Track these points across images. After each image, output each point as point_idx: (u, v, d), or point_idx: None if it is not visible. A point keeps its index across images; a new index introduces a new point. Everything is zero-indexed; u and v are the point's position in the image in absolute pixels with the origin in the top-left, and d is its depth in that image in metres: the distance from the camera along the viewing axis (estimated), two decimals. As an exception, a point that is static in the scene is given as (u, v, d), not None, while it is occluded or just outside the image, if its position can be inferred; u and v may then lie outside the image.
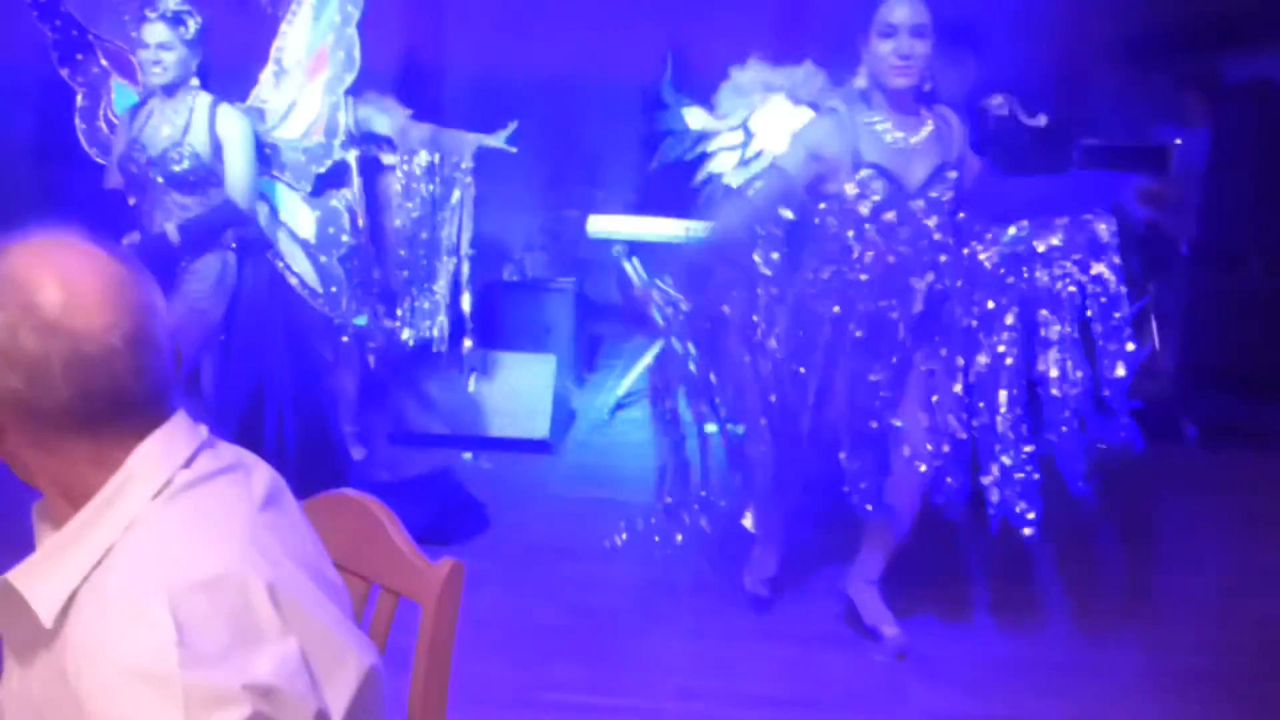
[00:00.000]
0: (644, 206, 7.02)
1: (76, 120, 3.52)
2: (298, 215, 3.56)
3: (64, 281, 1.01)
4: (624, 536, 2.98)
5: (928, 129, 2.68)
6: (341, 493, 1.49)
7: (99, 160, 3.56)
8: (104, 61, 3.49)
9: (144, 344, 1.04)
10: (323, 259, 3.59)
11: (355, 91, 3.95)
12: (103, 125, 3.54)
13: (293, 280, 3.57)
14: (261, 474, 1.16)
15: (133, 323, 1.03)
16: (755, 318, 2.71)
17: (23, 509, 1.15)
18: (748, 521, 2.93)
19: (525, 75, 7.34)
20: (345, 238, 3.60)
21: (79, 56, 3.47)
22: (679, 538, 2.87)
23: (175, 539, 1.02)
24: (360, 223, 3.90)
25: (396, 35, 6.81)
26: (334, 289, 3.60)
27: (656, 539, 2.90)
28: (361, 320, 3.88)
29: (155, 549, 1.01)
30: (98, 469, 1.04)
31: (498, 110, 7.17)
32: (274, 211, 3.53)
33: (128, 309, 1.03)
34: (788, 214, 2.72)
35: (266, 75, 3.53)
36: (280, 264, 3.52)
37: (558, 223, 7.46)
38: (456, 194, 4.30)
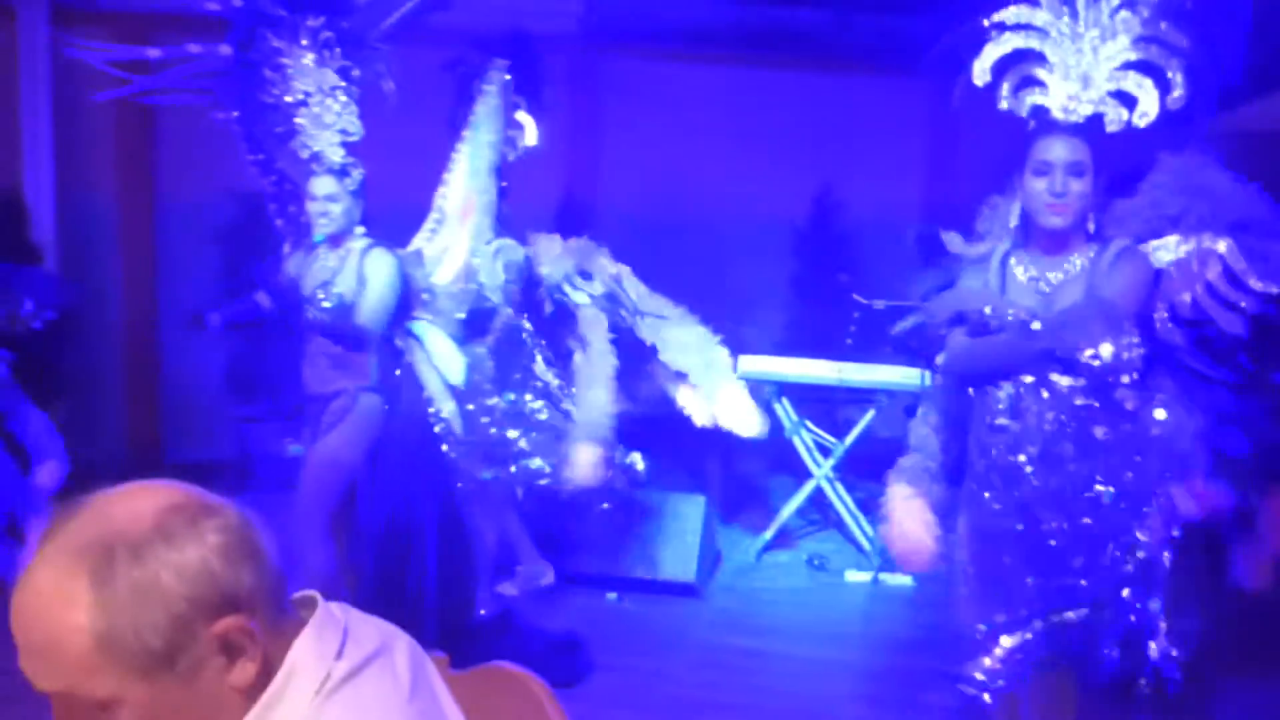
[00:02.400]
0: (792, 347, 6.99)
1: (284, 265, 3.71)
2: (448, 359, 3.64)
3: (169, 532, 1.00)
4: None
5: (1073, 268, 2.56)
6: (499, 666, 1.46)
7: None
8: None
9: (255, 551, 1.05)
10: (469, 406, 3.65)
11: (519, 235, 4.08)
12: None
13: (438, 427, 3.62)
14: (402, 652, 1.15)
15: (237, 537, 1.03)
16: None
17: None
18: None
19: (675, 214, 7.50)
20: (489, 385, 3.67)
21: (291, 209, 3.68)
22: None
23: None
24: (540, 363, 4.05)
25: (553, 176, 7.06)
26: (475, 438, 3.64)
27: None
28: (488, 475, 3.87)
29: None
30: (259, 673, 1.05)
31: (649, 247, 7.34)
32: (427, 355, 3.63)
33: (230, 528, 1.03)
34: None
35: (428, 224, 3.68)
36: (431, 409, 3.59)
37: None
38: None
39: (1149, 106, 2.51)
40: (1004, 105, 2.62)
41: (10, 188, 6.23)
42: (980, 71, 2.65)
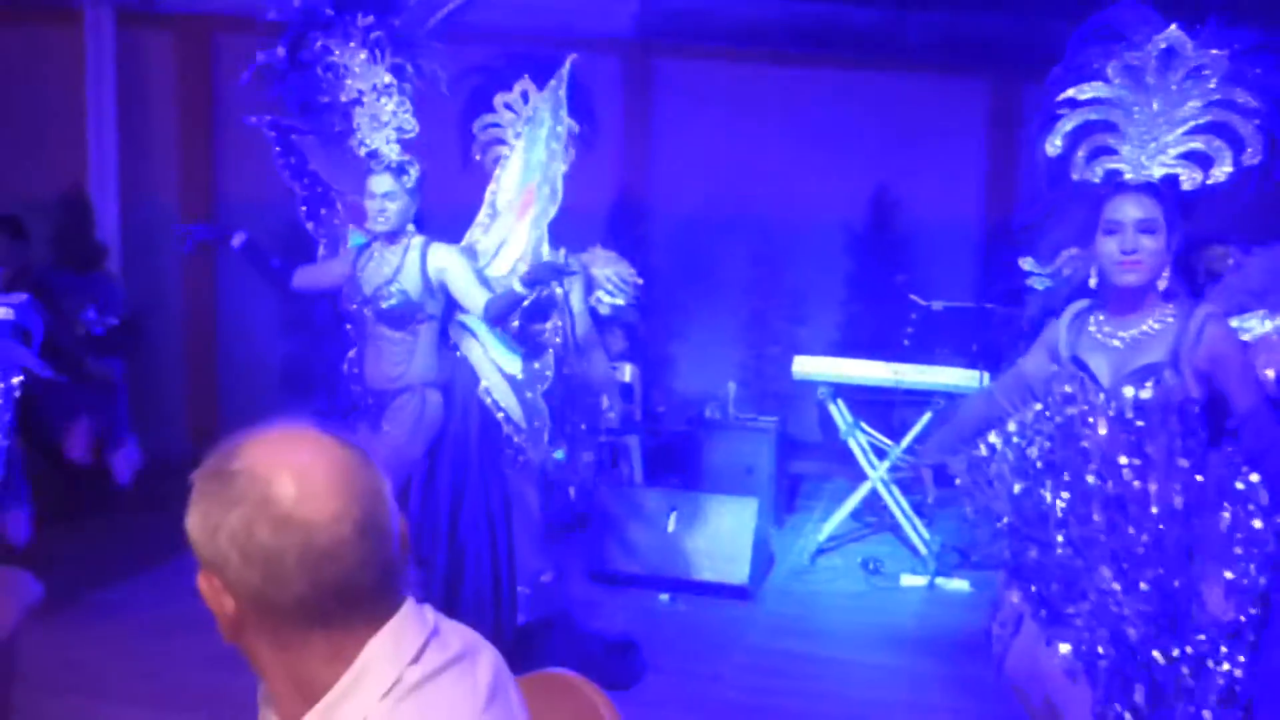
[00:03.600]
0: (848, 347, 6.93)
1: (320, 267, 3.76)
2: (505, 351, 3.65)
3: (297, 474, 1.03)
4: None
5: (1146, 327, 2.52)
6: (559, 674, 1.45)
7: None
8: (342, 213, 3.73)
9: (372, 531, 1.05)
10: (528, 395, 3.66)
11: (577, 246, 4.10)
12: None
13: (499, 415, 3.64)
14: (486, 661, 1.14)
15: (361, 511, 1.04)
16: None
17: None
18: None
19: (730, 214, 7.46)
20: (549, 373, 3.67)
21: (323, 211, 3.73)
22: None
23: None
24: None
25: (608, 176, 7.07)
26: (537, 424, 3.65)
27: None
28: (559, 454, 3.92)
29: None
30: (330, 663, 1.04)
31: (705, 247, 7.33)
32: (484, 347, 3.64)
33: (356, 498, 1.04)
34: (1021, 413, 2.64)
35: (481, 218, 3.69)
36: (489, 399, 3.61)
37: (760, 360, 7.46)
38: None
39: (1223, 165, 2.52)
40: (1076, 176, 2.63)
41: (76, 189, 6.35)
42: (1052, 145, 2.65)
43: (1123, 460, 2.47)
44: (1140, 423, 2.44)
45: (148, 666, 3.72)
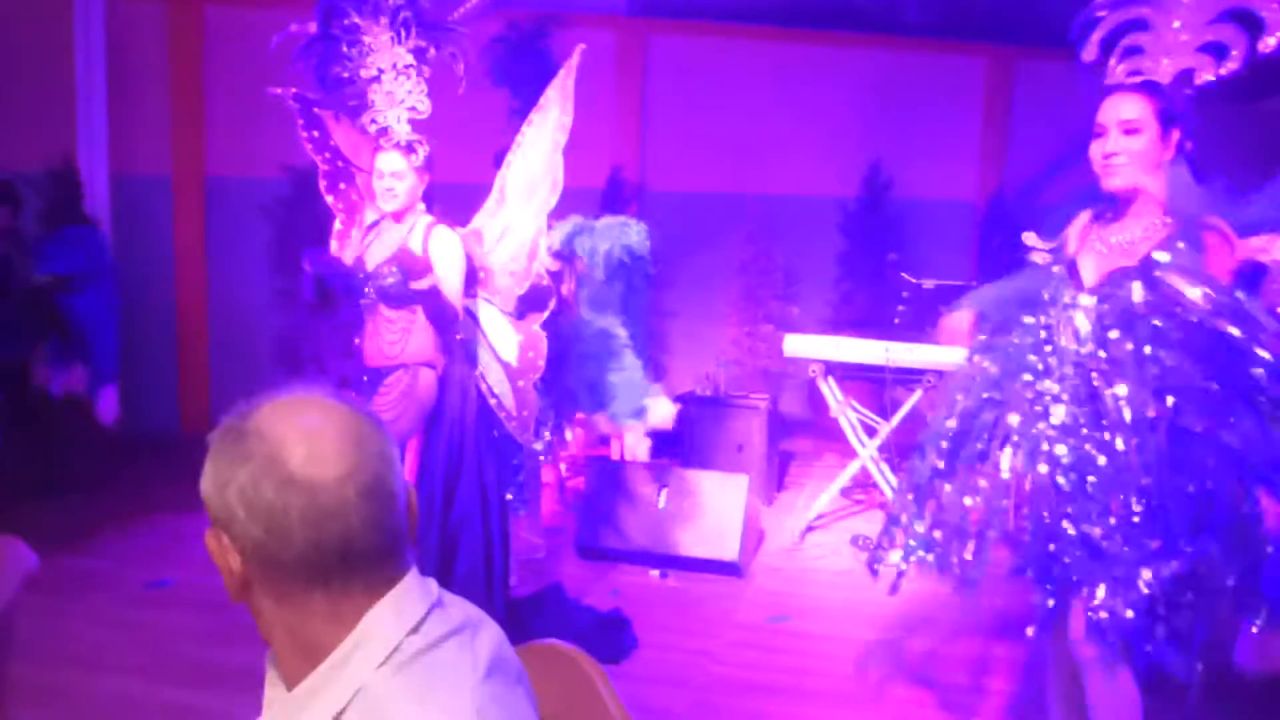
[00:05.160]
0: (839, 325, 6.95)
1: (332, 242, 3.75)
2: (503, 337, 3.65)
3: (306, 436, 1.05)
4: None
5: (1131, 234, 2.48)
6: (554, 644, 1.46)
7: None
8: (361, 188, 3.72)
9: (378, 496, 1.07)
10: (520, 383, 3.66)
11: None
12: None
13: (491, 401, 3.65)
14: (488, 635, 1.15)
15: (367, 475, 1.06)
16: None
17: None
18: None
19: (723, 191, 7.46)
20: (541, 362, 3.67)
21: (342, 186, 3.70)
22: None
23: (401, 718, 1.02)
24: None
25: (601, 151, 7.05)
26: (525, 413, 3.66)
27: None
28: (539, 445, 3.94)
29: None
30: (331, 624, 1.06)
31: (697, 224, 7.32)
32: (482, 332, 3.65)
33: (363, 462, 1.06)
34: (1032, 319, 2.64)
35: (489, 203, 3.68)
36: (484, 384, 3.62)
37: (751, 338, 7.47)
38: None
39: (1237, 53, 2.44)
40: (1110, 81, 2.56)
41: (65, 162, 6.31)
42: (1089, 48, 2.61)
43: (1088, 363, 2.44)
44: (1111, 329, 2.41)
45: (140, 639, 3.74)
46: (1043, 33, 2.72)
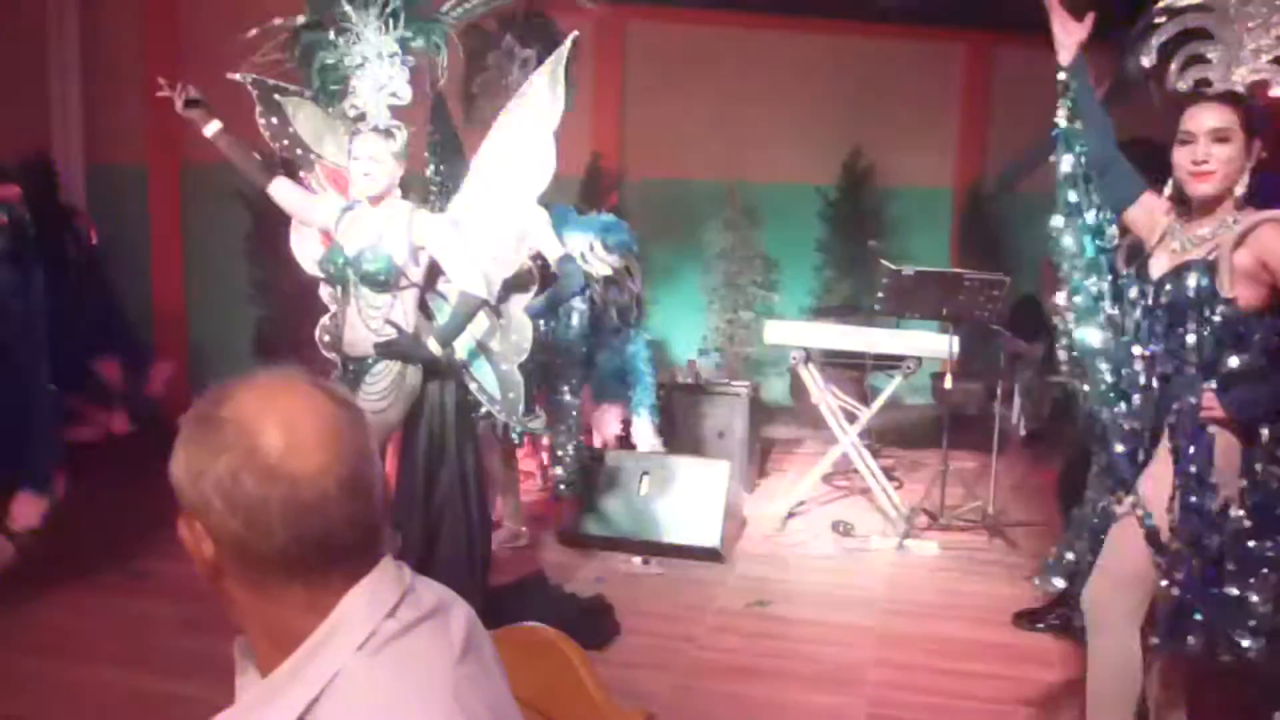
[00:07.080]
0: (820, 312, 6.97)
1: (291, 231, 3.73)
2: (484, 322, 3.64)
3: (286, 426, 1.03)
4: None
5: (1205, 231, 2.52)
6: (534, 627, 1.47)
7: (303, 265, 3.76)
8: (323, 179, 3.70)
9: (356, 488, 1.05)
10: (504, 366, 3.66)
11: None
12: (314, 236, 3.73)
13: (473, 385, 3.65)
14: (459, 616, 1.14)
15: (347, 466, 1.04)
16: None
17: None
18: None
19: (703, 178, 7.45)
20: (526, 345, 3.67)
21: (301, 174, 3.70)
22: None
23: (379, 703, 1.01)
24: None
25: (580, 140, 7.02)
26: (511, 395, 3.66)
27: None
28: (537, 425, 3.93)
29: (360, 713, 1.00)
30: (307, 614, 1.04)
31: (677, 212, 7.32)
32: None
33: (343, 454, 1.04)
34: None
35: (466, 188, 3.66)
36: (465, 372, 3.62)
37: (732, 325, 7.49)
38: None
39: None
40: (1171, 85, 2.61)
41: (39, 153, 6.23)
42: (1147, 57, 2.64)
43: (1136, 350, 2.55)
44: (1166, 319, 2.51)
45: (122, 628, 3.72)
46: (1022, 18, 2.72)
